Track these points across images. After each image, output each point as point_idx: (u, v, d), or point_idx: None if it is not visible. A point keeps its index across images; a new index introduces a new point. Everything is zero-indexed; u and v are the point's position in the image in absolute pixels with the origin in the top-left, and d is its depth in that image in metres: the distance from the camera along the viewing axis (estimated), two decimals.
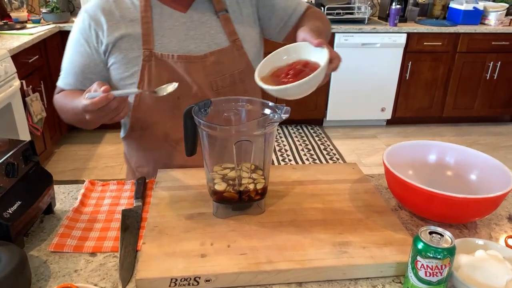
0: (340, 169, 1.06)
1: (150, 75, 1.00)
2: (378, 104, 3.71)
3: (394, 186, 0.92)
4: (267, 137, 0.82)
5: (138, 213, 0.90)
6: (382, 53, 3.51)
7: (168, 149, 1.09)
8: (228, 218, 0.85)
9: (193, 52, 1.02)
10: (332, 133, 3.73)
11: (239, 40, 1.06)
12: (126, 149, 1.21)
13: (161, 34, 1.01)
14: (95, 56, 1.02)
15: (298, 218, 0.85)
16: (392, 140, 3.63)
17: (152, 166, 1.12)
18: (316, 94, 3.67)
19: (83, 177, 2.93)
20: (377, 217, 0.87)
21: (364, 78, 3.60)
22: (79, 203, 0.93)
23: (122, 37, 1.00)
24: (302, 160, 3.21)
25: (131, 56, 1.00)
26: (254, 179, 0.85)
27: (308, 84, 0.79)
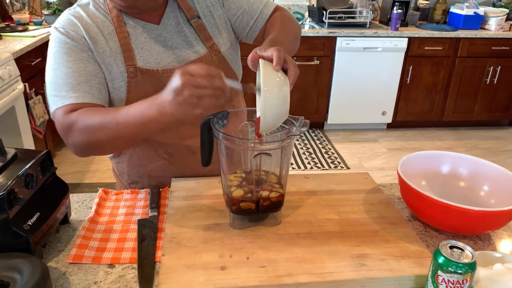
0: (352, 179, 1.07)
1: (137, 90, 0.98)
2: (379, 108, 3.73)
3: (409, 197, 0.92)
4: (285, 149, 0.82)
5: (154, 223, 0.90)
6: (383, 57, 3.53)
7: (161, 162, 1.09)
8: (244, 229, 0.86)
9: (173, 63, 1.01)
10: (333, 137, 3.74)
11: (215, 45, 1.06)
12: (116, 167, 1.18)
13: (140, 47, 1.00)
14: (96, 61, 0.96)
15: (314, 230, 0.86)
16: (393, 144, 3.65)
17: (146, 181, 1.12)
18: (317, 97, 3.68)
19: (85, 180, 2.93)
20: (392, 228, 0.87)
21: (365, 82, 3.62)
22: (94, 213, 0.93)
23: (104, 51, 0.97)
24: (304, 164, 3.22)
25: (115, 71, 0.98)
26: (271, 187, 0.86)
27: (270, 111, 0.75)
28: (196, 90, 0.73)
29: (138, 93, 0.98)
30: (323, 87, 3.65)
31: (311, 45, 3.47)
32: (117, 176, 1.20)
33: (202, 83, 0.73)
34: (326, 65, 3.56)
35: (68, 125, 0.90)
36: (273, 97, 0.75)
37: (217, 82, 0.74)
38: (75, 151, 0.93)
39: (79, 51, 0.94)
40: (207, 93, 0.74)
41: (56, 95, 0.92)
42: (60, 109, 0.92)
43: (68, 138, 0.92)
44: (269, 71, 0.77)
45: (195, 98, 0.74)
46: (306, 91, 3.64)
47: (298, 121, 0.81)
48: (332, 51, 3.52)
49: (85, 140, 0.90)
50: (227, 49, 1.08)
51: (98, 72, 0.96)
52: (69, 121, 0.90)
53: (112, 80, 0.98)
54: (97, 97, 0.94)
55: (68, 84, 0.92)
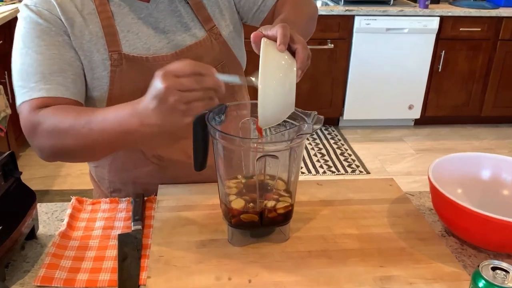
0: (374, 186, 1.07)
1: (121, 80, 0.98)
2: (405, 101, 3.73)
3: (442, 207, 0.92)
4: (295, 150, 0.82)
5: (137, 238, 0.90)
6: (410, 40, 3.53)
7: (149, 167, 1.08)
8: (246, 246, 0.86)
9: (166, 49, 1.01)
10: (350, 135, 3.74)
11: (216, 28, 1.06)
12: (94, 172, 1.17)
13: (126, 29, 0.99)
14: (73, 47, 0.96)
15: (330, 247, 0.86)
16: (421, 143, 3.64)
17: (131, 189, 1.12)
18: (331, 88, 3.68)
19: (55, 186, 2.93)
20: (422, 245, 0.88)
21: (389, 70, 3.61)
22: (66, 226, 0.93)
23: (83, 35, 0.96)
24: (315, 168, 3.22)
25: (96, 59, 0.97)
26: (278, 195, 0.86)
27: (269, 101, 0.75)
28: (183, 94, 0.72)
29: (123, 84, 0.98)
30: (338, 75, 3.64)
31: (324, 26, 3.46)
32: (95, 182, 1.20)
33: (189, 85, 0.72)
34: (342, 49, 3.56)
35: (34, 124, 0.89)
36: (274, 85, 0.75)
37: (207, 82, 0.73)
38: (41, 155, 0.92)
39: (53, 34, 0.94)
40: (197, 97, 0.72)
41: (23, 86, 0.92)
42: (27, 103, 0.90)
43: (33, 139, 0.91)
44: (270, 52, 0.77)
45: (183, 105, 0.72)
46: (317, 81, 3.64)
47: (310, 117, 0.81)
48: (349, 33, 3.52)
49: (52, 144, 0.89)
50: (229, 33, 1.08)
51: (74, 61, 0.95)
52: (35, 120, 0.89)
53: (92, 70, 0.97)
54: (71, 91, 0.93)
55: (38, 73, 0.91)
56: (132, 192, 1.11)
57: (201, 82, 0.73)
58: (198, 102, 0.73)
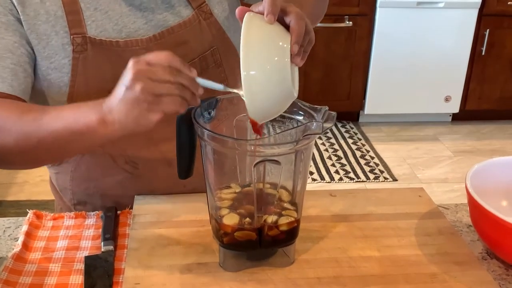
0: (400, 197, 1.08)
1: (86, 70, 0.99)
2: (441, 91, 3.74)
3: (483, 224, 0.93)
4: (301, 154, 0.83)
5: (108, 261, 0.91)
6: (447, 16, 3.53)
7: (120, 175, 1.09)
8: (241, 271, 0.87)
9: (142, 30, 1.02)
10: (372, 133, 3.75)
11: (206, 5, 1.06)
12: (55, 180, 1.18)
13: (93, 6, 0.99)
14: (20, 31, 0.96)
15: (344, 273, 0.87)
16: (461, 144, 3.66)
17: (100, 202, 1.13)
18: (349, 76, 3.69)
19: (9, 196, 2.95)
20: (458, 271, 0.88)
21: (420, 54, 3.62)
22: (21, 247, 0.94)
23: (38, 14, 0.96)
24: (329, 174, 3.23)
25: (55, 43, 0.97)
26: (281, 209, 0.87)
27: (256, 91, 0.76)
28: (153, 83, 0.74)
29: (88, 75, 0.99)
30: (358, 60, 3.66)
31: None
32: (56, 192, 1.21)
33: (162, 76, 0.75)
34: (363, 28, 3.57)
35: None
36: (262, 65, 0.76)
37: (183, 78, 0.76)
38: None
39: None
40: (168, 90, 0.75)
41: None
42: None
43: None
44: (255, 25, 0.77)
45: (151, 96, 0.75)
46: (332, 67, 3.65)
47: (320, 113, 0.82)
48: (371, 8, 3.53)
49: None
50: (223, 11, 1.09)
51: (17, 47, 0.96)
52: None
53: (50, 57, 0.98)
54: (8, 83, 0.93)
55: None
56: (100, 206, 1.11)
57: (176, 76, 0.75)
58: (169, 97, 0.76)
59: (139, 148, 1.06)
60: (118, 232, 1.00)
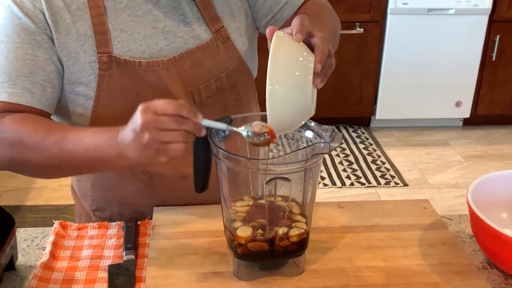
0: (406, 209, 1.13)
1: (110, 86, 1.05)
2: (451, 96, 3.75)
3: (483, 236, 0.98)
4: (310, 171, 0.88)
5: (130, 270, 0.97)
6: (457, 23, 3.55)
7: (137, 185, 1.15)
8: (254, 280, 0.92)
9: (164, 52, 1.08)
10: (383, 139, 3.77)
11: (224, 30, 1.12)
12: (76, 187, 1.25)
13: (120, 28, 1.06)
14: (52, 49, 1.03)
15: (350, 282, 0.91)
16: (472, 149, 3.67)
17: (117, 209, 1.19)
18: (361, 81, 3.72)
19: (28, 201, 3.00)
20: (459, 280, 0.93)
21: (431, 59, 3.64)
22: (49, 256, 0.99)
23: (69, 34, 1.03)
24: (340, 179, 3.27)
25: (83, 61, 1.04)
26: (291, 221, 0.92)
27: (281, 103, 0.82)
28: (160, 133, 0.83)
29: (112, 91, 1.05)
30: (369, 66, 3.69)
31: (352, 5, 3.50)
32: (77, 198, 1.28)
33: (168, 125, 0.83)
34: (374, 34, 3.60)
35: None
36: (286, 81, 0.81)
37: (188, 125, 0.84)
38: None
39: (31, 31, 1.02)
40: (173, 138, 0.83)
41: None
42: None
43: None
44: (283, 43, 0.83)
45: (158, 144, 0.83)
46: (344, 73, 3.67)
47: (327, 133, 0.87)
48: (382, 15, 3.56)
49: (12, 157, 0.98)
50: (240, 36, 1.14)
51: (48, 64, 1.03)
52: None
53: (78, 73, 1.05)
54: (37, 98, 1.02)
55: (5, 74, 1.01)
56: (117, 213, 1.18)
57: (181, 124, 0.83)
58: (175, 145, 0.84)
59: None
60: (138, 241, 1.05)
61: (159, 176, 1.14)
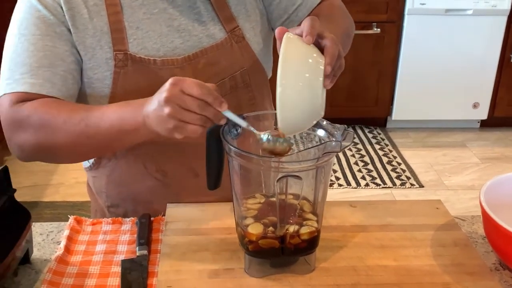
0: (418, 209, 1.13)
1: (125, 84, 1.07)
2: (469, 98, 3.73)
3: (495, 237, 0.97)
4: (321, 170, 0.89)
5: (143, 265, 0.98)
6: (475, 23, 3.53)
7: (151, 182, 1.17)
8: (265, 277, 0.93)
9: (179, 50, 1.09)
10: (399, 139, 3.77)
11: (239, 29, 1.13)
12: (92, 183, 1.27)
13: (136, 26, 1.07)
14: (71, 40, 1.05)
15: (361, 281, 0.92)
16: (489, 150, 3.64)
17: (131, 206, 1.21)
18: (377, 82, 3.71)
19: (45, 197, 3.05)
20: (471, 281, 0.93)
21: (448, 60, 3.63)
22: (63, 250, 1.01)
23: (86, 29, 1.05)
24: (355, 179, 3.26)
25: (99, 57, 1.06)
26: (302, 219, 0.92)
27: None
28: (180, 111, 0.84)
29: (127, 88, 1.07)
30: (386, 67, 3.68)
31: (369, 6, 3.50)
32: (92, 194, 1.30)
33: (189, 106, 0.84)
34: (391, 35, 3.59)
35: (18, 119, 1.00)
36: (296, 83, 0.82)
37: (209, 112, 0.85)
38: (20, 153, 1.04)
39: (51, 23, 1.04)
40: (192, 119, 0.85)
41: (8, 77, 1.03)
42: (8, 96, 1.01)
43: (14, 135, 1.02)
44: (293, 45, 0.83)
45: (176, 120, 0.85)
46: (360, 73, 3.67)
47: (339, 132, 0.87)
48: (399, 15, 3.55)
49: (39, 141, 1.00)
50: (255, 36, 1.16)
51: (68, 56, 1.05)
52: (19, 114, 0.99)
53: (94, 68, 1.07)
54: (58, 89, 1.03)
55: (26, 65, 1.02)
56: (131, 209, 1.20)
57: (203, 109, 0.84)
58: (192, 126, 0.85)
59: (169, 159, 1.13)
60: (151, 237, 1.06)
61: (172, 174, 1.16)
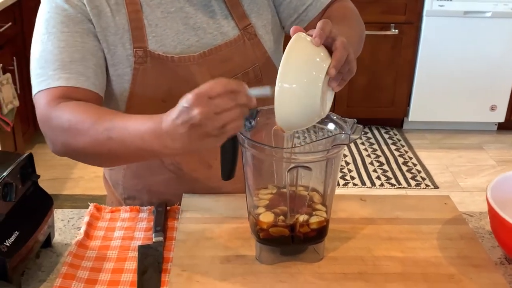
0: (427, 204, 1.15)
1: (144, 80, 1.11)
2: (486, 100, 3.74)
3: (501, 231, 1.00)
4: (331, 162, 0.92)
5: (159, 251, 1.02)
6: (493, 26, 3.54)
7: (166, 175, 1.21)
8: (275, 264, 0.96)
9: (194, 47, 1.13)
10: (416, 140, 3.78)
11: (251, 27, 1.16)
12: (108, 176, 1.31)
13: (154, 23, 1.11)
14: (96, 36, 1.09)
15: (368, 270, 0.95)
16: (505, 153, 3.64)
17: (146, 198, 1.25)
18: (394, 83, 3.73)
19: (65, 190, 3.12)
20: (474, 273, 0.95)
21: (466, 62, 3.64)
22: (83, 235, 1.06)
23: (108, 27, 1.09)
24: (370, 179, 3.28)
25: (120, 53, 1.10)
26: (312, 209, 0.96)
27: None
28: (219, 117, 0.81)
29: (146, 84, 1.11)
30: (404, 68, 3.70)
31: (387, 7, 3.52)
32: (109, 187, 1.34)
33: (224, 105, 0.81)
34: (409, 36, 3.61)
35: (49, 117, 1.03)
36: (294, 80, 0.83)
37: (241, 98, 0.83)
38: (53, 148, 1.09)
39: (78, 21, 1.08)
40: (232, 117, 0.82)
41: (41, 74, 1.05)
42: (44, 93, 1.05)
43: (48, 133, 1.07)
44: (300, 44, 0.85)
45: (218, 130, 0.83)
46: (377, 74, 3.69)
47: (349, 125, 0.90)
48: (417, 16, 3.57)
49: (66, 142, 1.04)
50: (266, 34, 1.19)
51: (97, 51, 1.10)
52: (51, 113, 1.03)
53: (115, 65, 1.11)
54: (92, 82, 1.07)
55: (58, 60, 1.05)
56: (147, 201, 1.24)
57: (236, 99, 0.83)
58: (233, 123, 0.83)
59: None
60: (167, 225, 1.11)
61: (187, 166, 1.20)
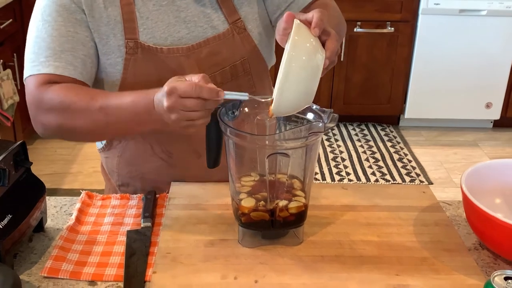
0: (406, 193, 1.20)
1: (135, 70, 1.16)
2: (482, 97, 3.77)
3: (474, 218, 1.04)
4: (309, 149, 0.96)
5: (146, 235, 1.07)
6: (489, 24, 3.56)
7: (158, 163, 1.26)
8: (256, 247, 1.01)
9: (184, 40, 1.17)
10: (411, 137, 3.81)
11: (240, 21, 1.20)
12: (105, 163, 1.37)
13: (146, 16, 1.16)
14: (89, 27, 1.15)
15: (345, 253, 1.00)
16: (500, 150, 3.67)
17: (139, 185, 1.30)
18: (390, 81, 3.76)
19: (64, 184, 3.17)
20: (447, 256, 1.00)
21: (461, 60, 3.66)
22: (75, 221, 1.11)
23: (101, 17, 1.14)
24: (365, 174, 3.32)
25: (112, 44, 1.15)
26: (292, 195, 1.00)
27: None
28: (185, 113, 0.94)
29: (136, 74, 1.16)
30: (399, 66, 3.73)
31: (383, 5, 3.55)
32: (106, 175, 1.40)
33: (192, 107, 0.93)
34: (405, 34, 3.64)
35: (41, 100, 1.09)
36: (299, 70, 0.88)
37: (210, 105, 0.94)
38: (43, 131, 1.14)
39: (72, 11, 1.13)
40: (198, 116, 0.94)
41: (33, 59, 1.12)
42: (34, 78, 1.11)
43: (38, 115, 1.12)
44: (302, 34, 0.90)
45: (185, 121, 0.95)
46: (373, 71, 3.73)
47: (326, 114, 0.95)
48: (413, 14, 3.60)
49: (61, 123, 1.10)
50: (256, 27, 1.23)
51: (88, 41, 1.15)
52: (43, 96, 1.09)
53: (107, 54, 1.16)
54: (79, 72, 1.13)
55: (50, 49, 1.11)
56: (140, 188, 1.29)
57: (204, 105, 0.93)
58: (200, 120, 0.96)
59: (174, 140, 1.22)
60: (156, 212, 1.15)
61: (177, 155, 1.25)
